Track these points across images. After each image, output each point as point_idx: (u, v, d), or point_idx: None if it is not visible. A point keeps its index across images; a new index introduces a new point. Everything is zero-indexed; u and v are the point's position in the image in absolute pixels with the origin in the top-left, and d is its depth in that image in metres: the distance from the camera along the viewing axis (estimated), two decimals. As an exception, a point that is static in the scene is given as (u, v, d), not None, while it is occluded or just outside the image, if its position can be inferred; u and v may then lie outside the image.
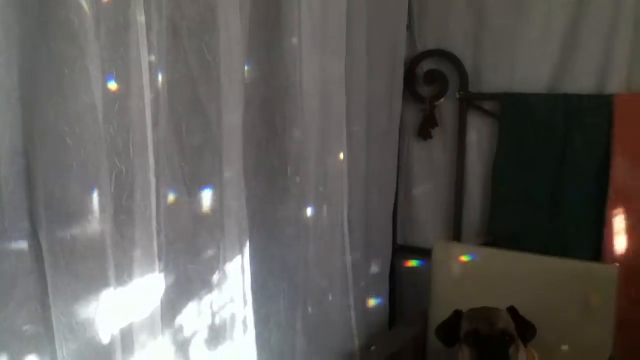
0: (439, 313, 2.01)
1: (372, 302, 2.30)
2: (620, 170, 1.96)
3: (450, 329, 1.63)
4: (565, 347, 1.85)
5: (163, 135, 1.21)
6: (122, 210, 1.13)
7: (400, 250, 2.57)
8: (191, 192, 1.28)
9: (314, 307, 1.84)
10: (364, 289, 2.22)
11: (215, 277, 1.35)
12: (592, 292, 1.83)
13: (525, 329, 1.59)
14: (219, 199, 1.32)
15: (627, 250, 1.98)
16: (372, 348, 1.94)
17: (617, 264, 1.85)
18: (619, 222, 1.97)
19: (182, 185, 1.26)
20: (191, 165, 1.27)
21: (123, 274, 1.14)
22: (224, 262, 1.36)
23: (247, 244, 1.42)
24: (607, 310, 1.81)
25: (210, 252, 1.33)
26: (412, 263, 2.56)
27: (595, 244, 2.05)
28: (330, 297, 1.93)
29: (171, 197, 1.25)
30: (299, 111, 1.61)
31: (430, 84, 2.36)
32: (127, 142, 1.11)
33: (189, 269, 1.30)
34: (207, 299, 1.34)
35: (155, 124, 1.18)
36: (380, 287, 2.36)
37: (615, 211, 1.98)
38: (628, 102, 1.96)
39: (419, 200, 2.53)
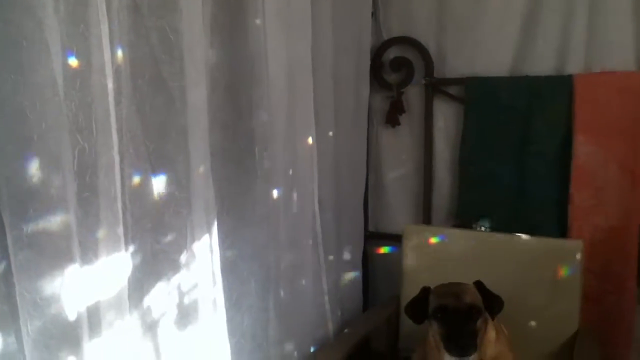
0: (411, 294, 2.03)
1: (345, 287, 2.31)
2: (581, 148, 2.01)
3: (419, 306, 1.63)
4: (533, 323, 1.88)
5: (126, 113, 1.20)
6: (85, 188, 1.12)
7: (372, 237, 2.59)
8: (157, 170, 1.27)
9: (287, 291, 1.85)
10: (337, 274, 2.24)
11: (183, 257, 1.34)
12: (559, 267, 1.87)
13: (492, 302, 1.59)
14: (185, 178, 1.32)
15: (591, 226, 2.03)
16: (346, 330, 1.95)
17: (582, 240, 1.89)
18: (582, 199, 2.02)
19: (147, 163, 1.26)
20: (156, 143, 1.27)
21: (88, 252, 1.13)
22: (192, 241, 1.35)
23: (215, 223, 1.41)
24: (573, 285, 1.86)
25: (177, 232, 1.32)
26: (384, 249, 2.59)
27: (560, 221, 2.10)
28: (303, 282, 1.94)
29: (136, 176, 1.24)
30: (264, 93, 1.61)
31: (396, 71, 2.40)
32: (90, 119, 1.11)
33: (156, 248, 1.29)
34: (176, 279, 1.34)
35: (118, 102, 1.18)
36: (353, 273, 2.38)
37: (579, 188, 2.03)
38: (587, 82, 2.02)
39: (389, 186, 2.56)
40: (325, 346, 1.97)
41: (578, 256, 1.85)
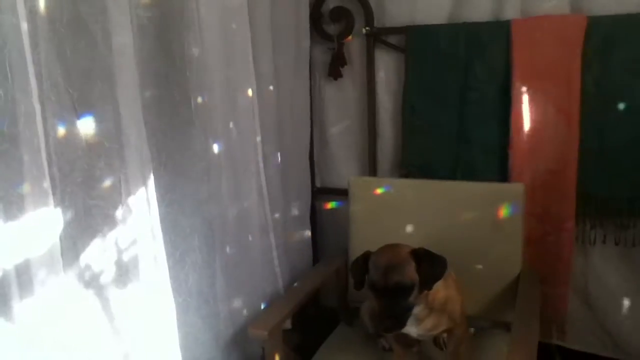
0: (359, 246, 2.03)
1: (294, 243, 2.30)
2: (520, 92, 2.03)
3: (359, 272, 1.56)
4: (479, 266, 1.92)
5: (45, 57, 1.12)
6: (4, 139, 1.04)
7: (320, 193, 2.58)
8: (83, 120, 1.20)
9: (233, 247, 1.81)
10: (286, 230, 2.22)
11: (119, 212, 1.28)
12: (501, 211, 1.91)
13: (431, 270, 1.49)
14: (115, 128, 1.25)
15: (531, 169, 2.07)
16: (295, 284, 1.94)
17: (523, 183, 1.93)
18: (522, 143, 2.06)
19: (71, 112, 1.18)
20: (80, 90, 1.19)
21: (12, 207, 1.06)
22: (127, 195, 1.29)
23: (152, 177, 1.35)
24: (516, 228, 1.89)
25: (110, 185, 1.26)
26: (332, 204, 2.59)
27: (502, 166, 2.13)
28: (250, 237, 1.91)
29: (61, 126, 1.16)
30: (197, 39, 1.54)
31: (336, 21, 2.35)
32: (4, 64, 1.02)
33: (88, 203, 1.23)
34: (112, 235, 1.28)
35: (34, 45, 1.09)
36: (301, 229, 2.37)
37: (518, 132, 2.06)
38: (523, 26, 2.03)
39: (333, 140, 2.54)
40: (274, 301, 1.96)
41: (519, 199, 1.88)
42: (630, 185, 1.99)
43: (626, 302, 2.19)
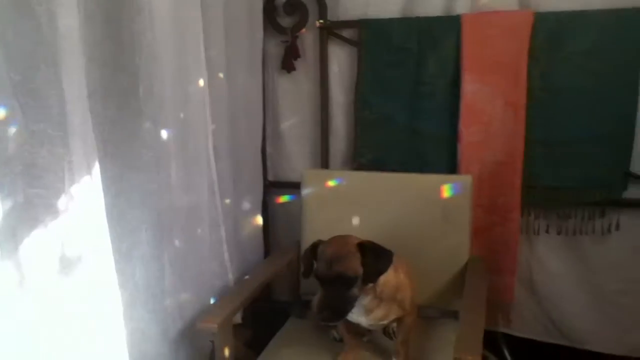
0: (311, 239, 2.01)
1: (245, 237, 2.28)
2: (469, 86, 2.08)
3: (308, 261, 1.59)
4: (428, 255, 1.95)
5: (-18, 39, 1.07)
6: (-64, 124, 0.99)
7: (272, 186, 2.57)
8: (25, 106, 1.14)
9: (182, 240, 1.77)
10: (237, 224, 2.20)
11: (62, 202, 1.23)
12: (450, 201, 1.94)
13: (376, 263, 1.51)
14: (60, 115, 1.20)
15: (479, 161, 2.13)
16: (246, 277, 1.92)
17: (471, 175, 1.97)
18: (471, 135, 2.11)
19: (12, 98, 1.12)
20: (23, 75, 1.13)
21: (-55, 197, 1.01)
22: (71, 184, 1.25)
23: (97, 166, 1.31)
24: (464, 219, 1.94)
25: (53, 174, 1.21)
26: (285, 198, 2.58)
27: (451, 158, 2.18)
28: (199, 230, 1.87)
29: (1, 112, 1.11)
30: (147, 26, 1.50)
31: (290, 14, 2.35)
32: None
33: (29, 192, 1.17)
34: (55, 225, 1.23)
35: (-29, 25, 1.04)
36: (253, 222, 2.35)
37: (467, 125, 2.11)
38: (473, 21, 2.08)
39: (286, 134, 2.54)
40: (224, 294, 1.93)
41: (467, 190, 1.93)
42: (572, 176, 2.07)
43: (568, 290, 2.28)
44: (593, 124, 2.03)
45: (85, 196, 1.29)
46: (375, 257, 1.50)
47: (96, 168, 1.31)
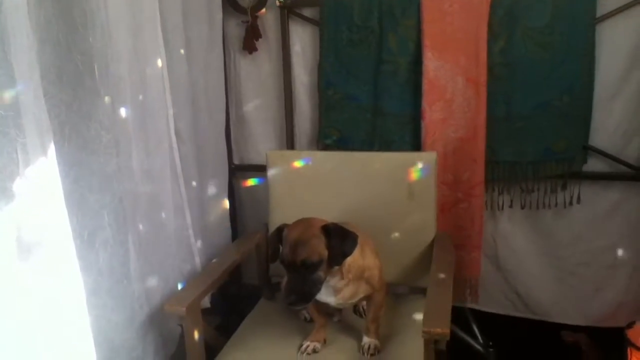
0: (279, 220, 2.00)
1: (212, 221, 2.25)
2: (430, 63, 2.08)
3: (274, 245, 1.58)
4: (396, 234, 1.96)
5: None
6: None
7: (238, 170, 2.54)
8: (-28, 85, 1.10)
9: (146, 224, 1.74)
10: (203, 208, 2.17)
11: (17, 184, 1.19)
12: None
13: (341, 245, 1.49)
14: (10, 95, 1.15)
15: (443, 138, 2.14)
16: (214, 261, 1.90)
17: (435, 152, 1.98)
18: (434, 113, 2.11)
19: (-42, 76, 1.08)
20: (-33, 53, 1.09)
21: None
22: (26, 166, 1.20)
23: (52, 146, 1.26)
24: (429, 195, 1.94)
25: (6, 155, 1.16)
26: (251, 181, 2.56)
27: (415, 136, 2.19)
28: (163, 215, 1.84)
29: (-54, 91, 1.06)
30: (101, 4, 1.45)
31: (250, -7, 2.31)
32: None
33: (-20, 174, 1.13)
34: (9, 209, 1.19)
35: None
36: (219, 206, 2.32)
37: (430, 102, 2.11)
38: (433, -1, 2.08)
39: (250, 116, 2.51)
40: (192, 278, 1.91)
41: (432, 167, 1.93)
42: (534, 151, 2.10)
43: (533, 263, 2.33)
44: (551, 98, 2.06)
45: (42, 179, 1.25)
46: (340, 239, 1.50)
47: (52, 150, 1.26)
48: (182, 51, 1.95)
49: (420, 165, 1.93)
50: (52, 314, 1.30)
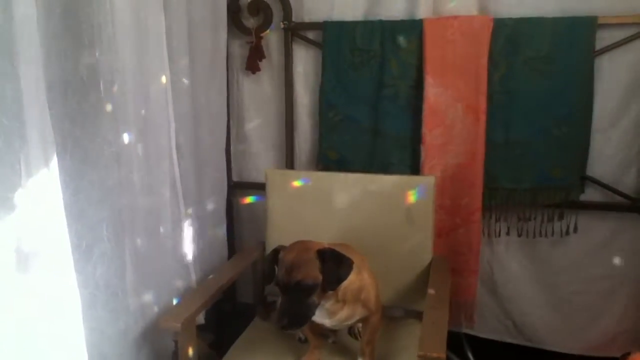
0: (276, 239, 2.02)
1: (209, 238, 2.25)
2: (431, 89, 2.11)
3: (269, 267, 1.57)
4: (392, 255, 1.96)
5: None
6: None
7: (237, 187, 2.55)
8: (-22, 94, 1.11)
9: (144, 239, 1.74)
10: (200, 224, 2.17)
11: (18, 195, 1.20)
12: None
13: (336, 269, 1.49)
14: (16, 105, 1.17)
15: (441, 163, 2.15)
16: (210, 277, 1.90)
17: (434, 176, 1.99)
18: (433, 138, 2.13)
19: (-35, 86, 1.09)
20: (-25, 63, 1.10)
21: None
22: (27, 178, 1.21)
23: (55, 159, 1.27)
24: (427, 219, 1.95)
25: (9, 166, 1.17)
26: (249, 199, 2.57)
27: (414, 160, 2.21)
28: (161, 229, 1.84)
29: (-47, 100, 1.08)
30: (108, 20, 1.48)
31: (254, 15, 2.35)
32: None
33: (-17, 184, 1.14)
34: (10, 219, 1.19)
35: None
36: (217, 223, 2.33)
37: (430, 128, 2.13)
38: (435, 25, 2.11)
39: (251, 135, 2.53)
40: (187, 294, 1.90)
41: (430, 191, 1.94)
42: (532, 177, 2.12)
43: (528, 290, 2.33)
44: (550, 126, 2.08)
45: (43, 191, 1.26)
46: (336, 264, 1.49)
47: (54, 162, 1.27)
48: (186, 68, 1.97)
49: (418, 189, 1.94)
50: (48, 325, 1.30)
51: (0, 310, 1.20)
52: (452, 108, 2.10)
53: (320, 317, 1.61)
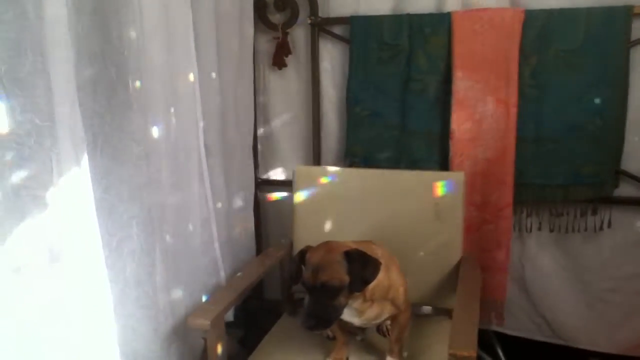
0: (303, 236, 2.03)
1: (237, 235, 2.26)
2: (460, 83, 2.08)
3: (296, 267, 1.55)
4: (421, 253, 1.94)
5: (-33, 26, 1.04)
6: None
7: (264, 184, 2.55)
8: (11, 94, 1.12)
9: (173, 236, 1.75)
10: (228, 221, 2.18)
11: (50, 194, 1.21)
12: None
13: (363, 271, 1.47)
14: (47, 104, 1.18)
15: (471, 159, 2.12)
16: (239, 274, 1.90)
17: (463, 172, 1.96)
18: (462, 133, 2.10)
19: (-1, 87, 1.10)
20: (9, 64, 1.11)
21: None
22: (59, 177, 1.22)
23: (86, 157, 1.29)
24: (456, 216, 1.92)
25: (40, 165, 1.19)
26: (276, 197, 2.57)
27: (442, 156, 2.18)
28: (190, 227, 1.85)
29: (-14, 101, 1.09)
30: (137, 19, 1.49)
31: (281, 10, 2.35)
32: None
33: (16, 184, 1.15)
34: (42, 218, 1.21)
35: (-44, 13, 1.02)
36: (245, 220, 2.33)
37: (459, 123, 2.10)
38: (464, 18, 2.08)
39: (278, 131, 2.53)
40: (216, 291, 1.91)
41: (460, 187, 1.91)
42: (564, 173, 2.07)
43: (560, 288, 2.28)
44: (582, 121, 2.03)
45: (74, 189, 1.27)
46: (362, 266, 1.47)
47: (85, 160, 1.29)
48: (213, 65, 1.98)
49: (448, 185, 1.92)
50: (80, 322, 1.31)
51: (34, 307, 1.21)
52: (482, 102, 2.06)
53: (348, 316, 1.61)
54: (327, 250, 1.50)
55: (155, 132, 1.63)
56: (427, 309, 2.01)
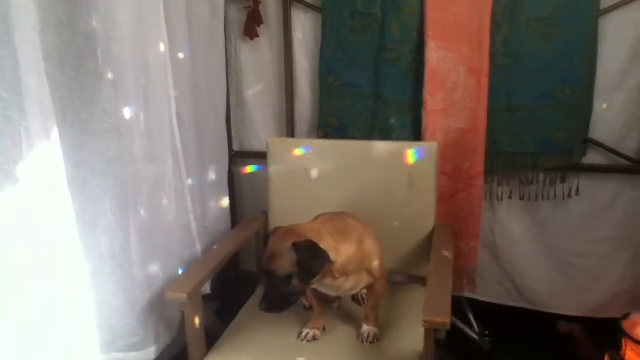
0: (279, 208, 2.04)
1: (212, 208, 2.25)
2: (433, 53, 2.07)
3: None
4: (396, 223, 1.96)
5: None
6: None
7: (238, 156, 2.53)
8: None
9: (147, 210, 1.73)
10: (203, 194, 2.16)
11: (20, 168, 1.18)
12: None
13: (309, 263, 1.47)
14: (13, 77, 1.14)
15: (443, 128, 2.13)
16: (215, 247, 1.89)
17: (436, 142, 1.98)
18: (435, 103, 2.11)
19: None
20: (-30, 34, 1.07)
21: None
22: (29, 150, 1.19)
23: (56, 130, 1.25)
24: (429, 185, 1.94)
25: (10, 139, 1.15)
26: (251, 168, 2.55)
27: (416, 126, 2.19)
28: (165, 200, 1.83)
29: (-51, 73, 1.05)
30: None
31: (252, -22, 2.29)
32: None
33: (-16, 158, 1.12)
34: (13, 193, 1.18)
35: None
36: (219, 192, 2.31)
37: (432, 92, 2.10)
38: (437, -13, 2.07)
39: (251, 103, 2.50)
40: (193, 264, 1.91)
41: (433, 157, 1.93)
42: (534, 142, 2.10)
43: (530, 254, 2.34)
44: (553, 89, 2.05)
45: (45, 163, 1.24)
46: (309, 258, 1.47)
47: (55, 134, 1.26)
48: (184, 35, 1.93)
49: (420, 154, 1.93)
50: (55, 298, 1.30)
51: (7, 282, 1.19)
52: (454, 72, 2.07)
53: (325, 289, 1.63)
54: (280, 239, 1.50)
55: (126, 103, 1.59)
56: (401, 277, 2.04)
